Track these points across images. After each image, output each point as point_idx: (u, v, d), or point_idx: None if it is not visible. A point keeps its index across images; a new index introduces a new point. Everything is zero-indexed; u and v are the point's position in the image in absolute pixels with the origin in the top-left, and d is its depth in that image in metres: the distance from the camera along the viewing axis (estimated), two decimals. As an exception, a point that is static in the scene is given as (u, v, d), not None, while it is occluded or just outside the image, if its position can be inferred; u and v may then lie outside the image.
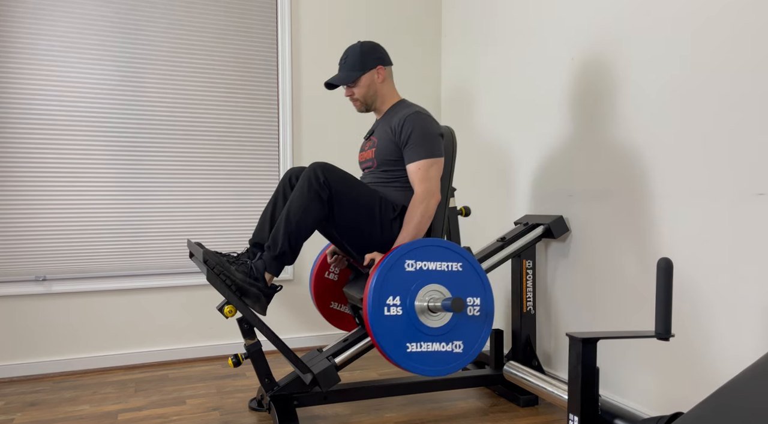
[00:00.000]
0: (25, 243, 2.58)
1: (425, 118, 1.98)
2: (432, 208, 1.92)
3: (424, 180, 1.93)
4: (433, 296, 1.81)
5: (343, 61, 2.09)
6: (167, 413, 2.13)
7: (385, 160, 2.03)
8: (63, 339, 2.64)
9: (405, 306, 1.78)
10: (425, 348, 1.80)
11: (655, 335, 1.35)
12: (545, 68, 2.47)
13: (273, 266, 1.83)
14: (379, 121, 2.14)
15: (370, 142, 2.13)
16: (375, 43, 2.10)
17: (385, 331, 1.75)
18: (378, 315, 1.74)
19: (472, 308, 1.86)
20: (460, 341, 1.84)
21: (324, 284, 2.32)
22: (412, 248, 1.80)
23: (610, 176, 2.14)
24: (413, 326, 1.78)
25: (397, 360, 1.76)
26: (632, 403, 2.04)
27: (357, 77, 2.06)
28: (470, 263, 1.87)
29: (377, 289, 1.75)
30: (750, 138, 1.63)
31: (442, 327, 1.81)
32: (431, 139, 1.96)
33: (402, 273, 1.78)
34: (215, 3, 2.85)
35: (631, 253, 2.04)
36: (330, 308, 2.33)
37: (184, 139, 2.82)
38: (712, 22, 1.74)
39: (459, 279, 1.85)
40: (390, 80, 2.13)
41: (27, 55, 2.55)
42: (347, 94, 2.11)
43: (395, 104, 2.12)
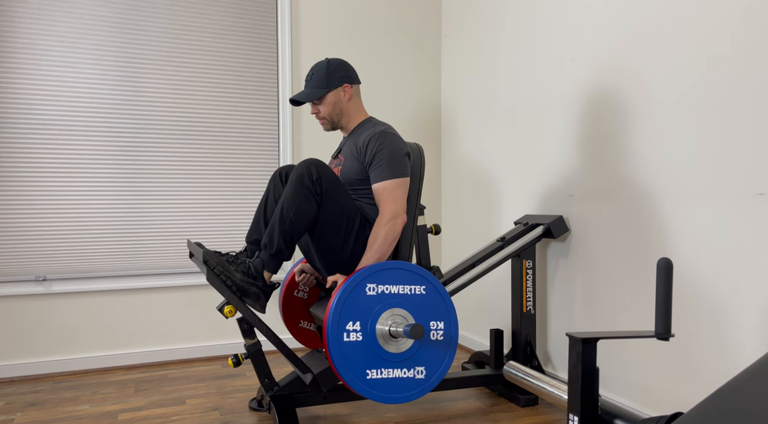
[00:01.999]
0: (25, 243, 2.58)
1: (391, 137, 1.95)
2: (397, 230, 1.88)
3: (390, 201, 1.89)
4: (396, 320, 1.76)
5: (309, 77, 2.06)
6: (167, 413, 2.13)
7: (351, 180, 2.00)
8: (63, 339, 2.64)
9: (365, 331, 1.73)
10: (386, 375, 1.75)
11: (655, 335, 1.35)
12: (546, 68, 2.47)
13: (271, 264, 1.83)
14: (346, 140, 2.11)
15: (336, 160, 2.10)
16: (343, 61, 2.08)
17: (344, 357, 1.70)
18: (337, 341, 1.69)
19: (436, 332, 1.81)
20: (422, 366, 1.79)
21: (293, 302, 2.26)
22: (374, 271, 1.75)
23: (610, 176, 2.14)
24: (373, 352, 1.73)
25: (355, 388, 1.72)
26: (632, 403, 2.04)
27: (322, 94, 2.03)
28: (434, 286, 1.82)
29: (336, 314, 1.70)
30: (750, 138, 1.63)
31: (403, 353, 1.77)
32: (397, 160, 1.92)
33: (363, 297, 1.73)
34: (215, 3, 2.85)
35: (631, 253, 2.04)
36: (299, 327, 2.27)
37: (184, 139, 2.82)
38: (713, 21, 1.74)
39: (422, 303, 1.80)
40: (357, 99, 2.10)
41: (27, 55, 2.55)
42: (313, 112, 2.09)
43: (362, 122, 2.09)
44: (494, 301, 2.83)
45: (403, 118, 3.25)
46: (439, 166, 3.35)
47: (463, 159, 3.11)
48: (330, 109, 2.06)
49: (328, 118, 2.08)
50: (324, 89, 2.03)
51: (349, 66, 2.09)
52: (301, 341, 2.27)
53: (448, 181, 3.27)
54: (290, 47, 2.99)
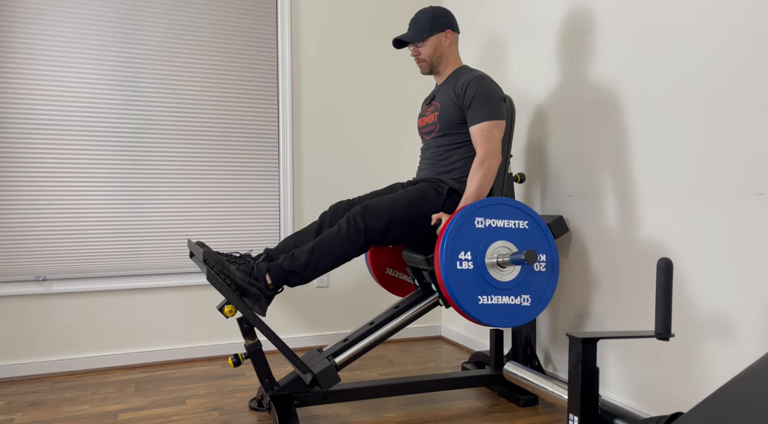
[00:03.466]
0: (25, 243, 2.58)
1: (488, 82, 2.05)
2: (494, 168, 1.99)
3: (487, 141, 1.99)
4: (502, 252, 1.87)
5: (414, 21, 2.16)
6: (167, 413, 2.13)
7: (448, 124, 2.09)
8: (63, 339, 2.64)
9: (476, 261, 1.84)
10: (495, 301, 1.86)
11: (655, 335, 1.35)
12: (546, 67, 2.47)
13: (278, 274, 1.84)
14: (440, 86, 2.20)
15: (431, 106, 2.19)
16: (446, 9, 2.18)
17: (458, 284, 1.81)
18: (451, 269, 1.81)
19: (539, 263, 1.93)
20: (528, 294, 1.91)
21: (379, 251, 2.37)
22: (481, 206, 1.87)
23: (610, 176, 2.13)
24: (484, 280, 1.85)
25: (469, 311, 1.82)
26: (632, 403, 2.04)
27: (426, 37, 2.13)
28: (536, 221, 1.94)
29: (449, 244, 1.81)
30: (750, 138, 1.63)
31: (511, 281, 1.88)
32: (494, 102, 2.02)
33: (472, 229, 1.85)
34: (215, 3, 2.85)
35: (631, 253, 2.04)
36: (385, 274, 2.38)
37: (184, 139, 2.82)
38: (712, 21, 1.74)
39: (526, 236, 1.92)
40: (456, 46, 2.20)
41: (27, 55, 2.55)
42: (413, 54, 2.18)
43: (458, 69, 2.18)
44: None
45: (404, 118, 3.25)
46: (439, 166, 3.35)
47: (463, 159, 3.11)
48: (431, 52, 2.15)
49: (428, 61, 2.18)
50: (428, 32, 2.12)
51: (452, 15, 2.19)
52: (388, 287, 2.40)
53: (448, 181, 3.27)
54: (290, 47, 2.99)
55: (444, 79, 2.20)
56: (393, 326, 2.07)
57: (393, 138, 3.23)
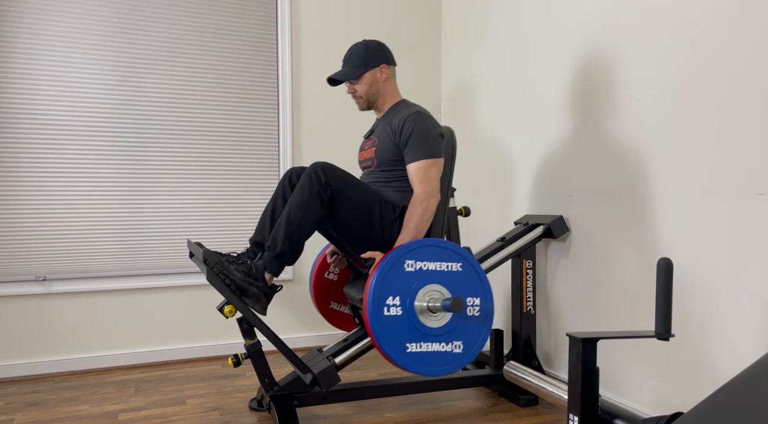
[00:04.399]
0: (25, 243, 2.58)
1: (426, 118, 1.99)
2: (432, 208, 1.93)
3: (424, 180, 1.93)
4: (433, 296, 1.81)
5: (347, 57, 2.10)
6: (167, 413, 2.13)
7: (385, 160, 2.03)
8: (63, 339, 2.64)
9: (405, 306, 1.78)
10: (425, 348, 1.80)
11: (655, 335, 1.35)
12: (545, 68, 2.47)
13: (273, 265, 1.83)
14: (379, 121, 2.14)
15: (370, 141, 2.13)
16: (380, 42, 2.11)
17: (385, 331, 1.75)
18: (378, 315, 1.75)
19: (472, 308, 1.87)
20: (459, 341, 1.84)
21: (324, 283, 2.32)
22: (412, 248, 1.80)
23: (610, 176, 2.13)
24: (413, 326, 1.78)
25: (396, 360, 1.76)
26: (632, 403, 2.04)
27: (360, 74, 2.07)
28: (470, 264, 1.87)
29: (377, 289, 1.75)
30: (750, 138, 1.63)
31: (441, 327, 1.82)
32: (431, 140, 1.96)
33: (402, 273, 1.78)
34: (215, 3, 2.85)
35: (631, 253, 2.04)
36: (330, 308, 2.33)
37: (184, 139, 2.82)
38: (713, 22, 1.74)
39: (459, 279, 1.85)
40: (393, 80, 2.13)
41: (27, 55, 2.55)
42: (349, 91, 2.12)
43: (396, 104, 2.12)
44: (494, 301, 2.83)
45: (403, 118, 3.25)
46: (439, 166, 3.35)
47: (462, 159, 3.11)
48: (367, 89, 2.09)
49: (365, 98, 2.11)
50: (362, 69, 2.06)
51: (387, 47, 2.13)
52: (332, 321, 2.33)
53: (448, 182, 3.27)
54: (290, 47, 2.99)
55: (383, 113, 2.13)
56: None
57: (393, 138, 3.22)
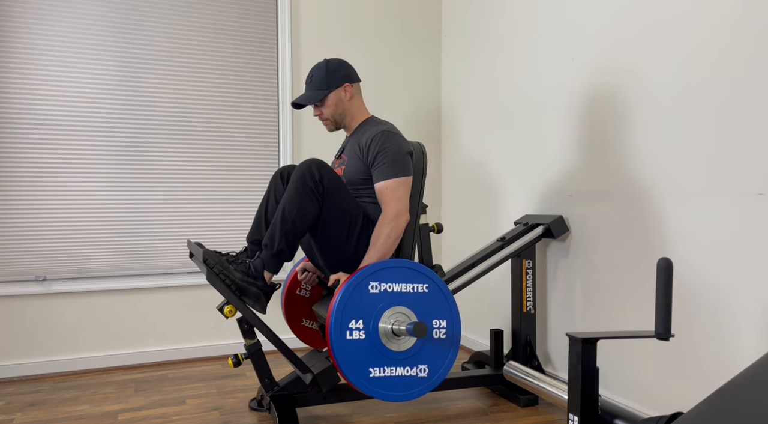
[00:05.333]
0: (25, 243, 2.58)
1: (393, 136, 1.95)
2: (400, 228, 1.88)
3: (393, 199, 1.89)
4: (399, 318, 1.76)
5: (309, 79, 2.05)
6: (167, 413, 2.13)
7: (354, 179, 2.00)
8: (63, 339, 2.64)
9: (368, 329, 1.72)
10: (388, 373, 1.75)
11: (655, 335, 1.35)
12: (547, 67, 2.46)
13: (271, 264, 1.83)
14: (348, 138, 2.11)
15: (339, 160, 2.10)
16: (342, 61, 2.07)
17: (347, 356, 1.70)
18: (340, 339, 1.69)
19: (438, 330, 1.81)
20: (425, 364, 1.79)
21: (295, 300, 2.28)
22: (377, 270, 1.75)
23: (610, 176, 2.13)
24: (376, 350, 1.73)
25: (359, 386, 1.72)
26: (632, 403, 2.04)
27: (324, 96, 2.02)
28: (437, 285, 1.82)
29: (339, 312, 1.70)
30: (750, 138, 1.63)
31: (406, 351, 1.76)
32: (399, 159, 1.92)
33: (366, 295, 1.73)
34: (215, 3, 2.85)
35: (631, 253, 2.04)
36: (301, 326, 2.29)
37: (184, 139, 2.82)
38: (715, 25, 1.74)
39: (425, 301, 1.80)
40: (358, 97, 2.09)
41: (27, 54, 2.55)
42: (315, 114, 2.08)
43: (364, 121, 2.08)
44: (494, 301, 2.83)
45: (403, 119, 3.25)
46: (438, 166, 3.35)
47: (463, 159, 3.11)
48: (332, 110, 2.05)
49: (332, 119, 2.08)
50: (325, 91, 2.02)
51: (349, 65, 2.08)
52: (304, 339, 2.28)
53: (447, 181, 3.27)
54: (290, 47, 2.99)
55: (352, 131, 2.10)
56: None
57: (393, 138, 3.22)
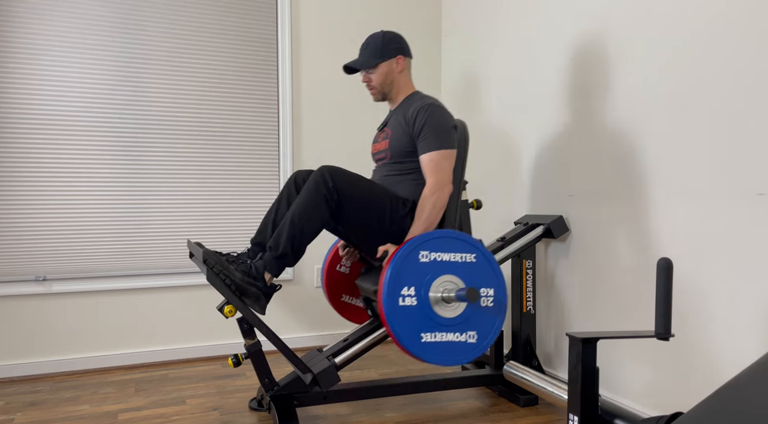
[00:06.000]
0: (25, 243, 2.58)
1: (439, 109, 2.00)
2: (444, 199, 1.94)
3: (436, 171, 1.94)
4: (447, 286, 1.83)
5: (365, 47, 2.11)
6: (167, 413, 2.13)
7: (398, 152, 2.04)
8: (63, 339, 2.64)
9: (419, 296, 1.79)
10: (439, 338, 1.81)
11: (655, 335, 1.35)
12: (545, 68, 2.47)
13: (273, 266, 1.83)
14: (392, 112, 2.15)
15: (383, 133, 2.15)
16: (398, 34, 2.13)
17: (400, 321, 1.77)
18: (393, 305, 1.76)
19: (486, 298, 1.88)
20: (474, 331, 1.86)
21: (336, 277, 2.33)
22: (427, 239, 1.82)
23: (610, 176, 2.14)
24: (428, 316, 1.80)
25: (411, 350, 1.78)
26: (632, 403, 2.04)
27: (376, 64, 2.08)
28: (483, 254, 1.88)
29: (392, 279, 1.76)
30: (750, 138, 1.63)
31: (456, 317, 1.83)
32: (444, 131, 1.97)
33: (416, 264, 1.80)
34: (215, 3, 2.85)
35: (631, 253, 2.04)
36: (341, 301, 2.35)
37: (184, 139, 2.82)
38: (713, 21, 1.74)
39: (473, 270, 1.86)
40: (408, 72, 2.15)
41: (27, 54, 2.55)
42: (364, 81, 2.14)
43: (410, 95, 2.14)
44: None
45: (403, 118, 3.25)
46: (439, 166, 3.35)
47: (463, 159, 3.11)
48: (381, 79, 2.11)
49: (379, 88, 2.13)
50: (378, 59, 2.07)
51: (404, 39, 2.14)
52: (344, 314, 2.35)
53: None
54: (290, 47, 2.99)
55: (396, 105, 2.14)
56: None
57: (393, 138, 3.22)
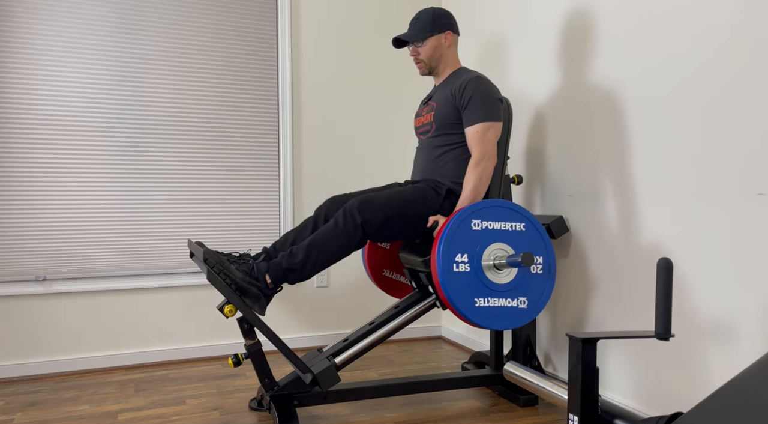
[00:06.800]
0: (25, 243, 2.58)
1: (486, 83, 2.05)
2: (489, 170, 1.98)
3: (482, 142, 1.98)
4: (498, 254, 1.88)
5: (415, 21, 2.15)
6: (167, 413, 2.13)
7: (444, 123, 2.08)
8: (63, 339, 2.64)
9: (473, 263, 1.85)
10: (492, 303, 1.86)
11: (655, 335, 1.35)
12: (545, 67, 2.47)
13: (277, 274, 1.84)
14: (438, 87, 2.20)
15: (428, 106, 2.19)
16: (447, 11, 2.17)
17: (455, 287, 1.81)
18: (447, 272, 1.81)
19: (536, 266, 1.92)
20: (524, 297, 1.91)
21: (376, 252, 2.37)
22: (478, 209, 1.87)
23: (610, 176, 2.14)
24: (481, 282, 1.85)
25: (466, 314, 1.82)
26: (632, 403, 2.04)
27: (426, 37, 2.12)
28: (533, 223, 1.94)
29: (446, 246, 1.81)
30: (750, 138, 1.63)
31: (508, 284, 1.88)
32: (490, 103, 2.02)
33: (469, 232, 1.85)
34: (215, 3, 2.85)
35: (631, 253, 2.04)
36: (383, 276, 2.38)
37: (184, 139, 2.82)
38: (713, 23, 1.74)
39: (522, 238, 1.92)
40: (455, 48, 2.19)
41: (26, 54, 2.55)
42: (412, 54, 2.17)
43: (456, 70, 2.18)
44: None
45: (404, 118, 3.25)
46: (439, 167, 3.35)
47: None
48: (430, 53, 2.15)
49: (426, 62, 2.17)
50: (428, 33, 2.11)
51: (453, 16, 2.18)
52: (385, 289, 2.39)
53: (448, 182, 3.27)
54: (290, 47, 2.99)
55: (442, 80, 2.19)
56: (393, 326, 2.07)
57: (393, 138, 3.23)
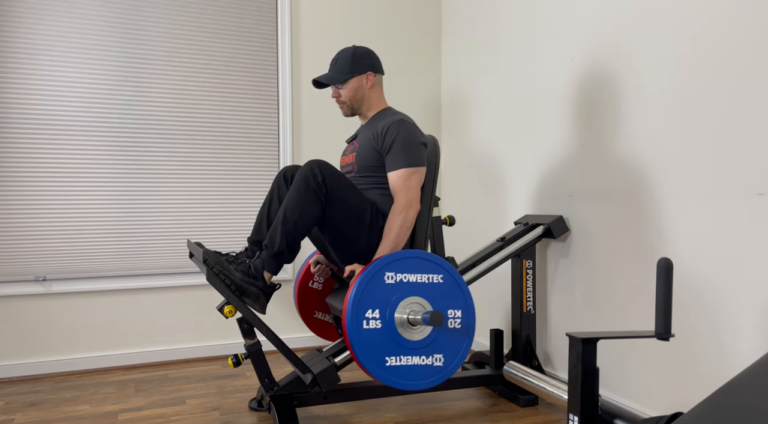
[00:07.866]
0: (25, 243, 2.58)
1: (409, 126, 1.97)
2: (411, 218, 1.90)
3: (405, 188, 1.91)
4: (414, 308, 1.78)
5: (335, 61, 2.09)
6: (167, 413, 2.13)
7: (365, 166, 2.02)
8: (63, 339, 2.64)
9: (384, 319, 1.76)
10: (404, 362, 1.78)
11: (655, 335, 1.35)
12: (546, 68, 2.46)
13: (271, 264, 1.83)
14: (363, 127, 2.13)
15: (351, 146, 2.13)
16: (369, 49, 2.10)
17: (364, 345, 1.73)
18: (356, 329, 1.72)
19: (453, 320, 1.84)
20: (440, 354, 1.82)
21: (308, 293, 2.30)
22: (392, 260, 1.78)
23: (610, 176, 2.13)
24: (392, 340, 1.76)
25: (375, 374, 1.75)
26: (632, 403, 2.04)
27: (346, 79, 2.06)
28: (451, 275, 1.84)
29: (356, 302, 1.73)
30: (750, 138, 1.63)
31: (422, 340, 1.79)
32: (413, 148, 1.94)
33: (381, 285, 1.76)
34: (215, 3, 2.85)
35: (631, 253, 2.04)
36: (314, 318, 2.32)
37: (184, 139, 2.82)
38: (714, 23, 1.74)
39: (440, 291, 1.82)
40: (379, 88, 2.12)
41: (27, 54, 2.55)
42: (334, 96, 2.11)
43: (381, 111, 2.11)
44: (494, 301, 2.83)
45: (403, 118, 3.25)
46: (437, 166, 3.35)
47: (462, 159, 3.11)
48: (351, 95, 2.08)
49: (348, 103, 2.10)
50: (348, 74, 2.06)
51: (375, 55, 2.12)
52: (316, 331, 2.32)
53: (447, 182, 3.27)
54: (290, 47, 2.99)
55: (367, 120, 2.13)
56: None
57: (393, 138, 3.22)
